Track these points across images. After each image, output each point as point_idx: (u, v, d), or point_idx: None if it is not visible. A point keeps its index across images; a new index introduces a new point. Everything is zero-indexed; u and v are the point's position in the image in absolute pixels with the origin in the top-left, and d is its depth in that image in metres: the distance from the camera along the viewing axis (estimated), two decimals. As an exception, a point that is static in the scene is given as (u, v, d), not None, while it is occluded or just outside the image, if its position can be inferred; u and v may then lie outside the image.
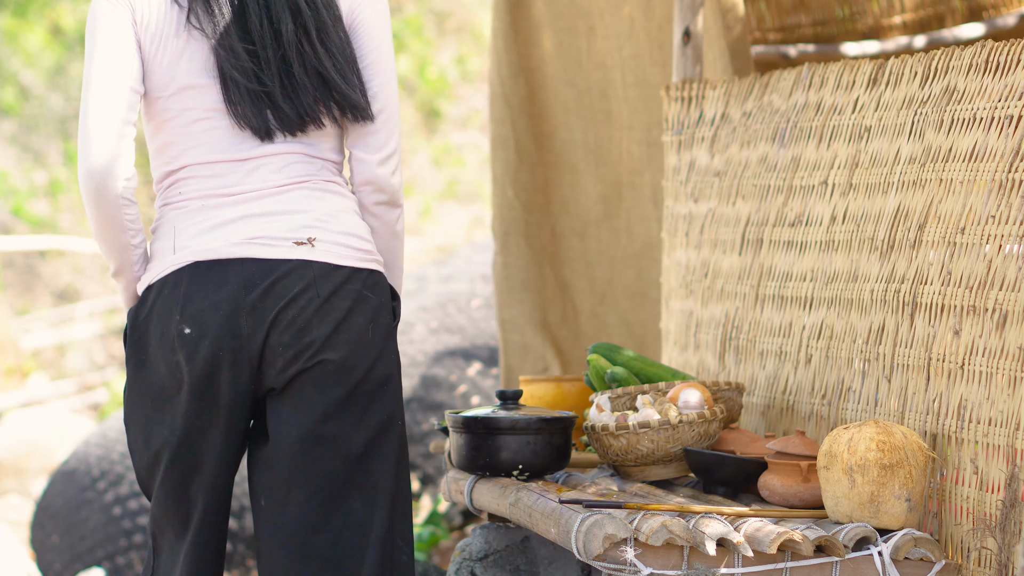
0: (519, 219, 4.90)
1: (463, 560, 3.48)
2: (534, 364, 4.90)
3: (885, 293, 3.30)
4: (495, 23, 4.86)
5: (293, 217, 3.02)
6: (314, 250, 3.01)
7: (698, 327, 3.96)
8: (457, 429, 3.36)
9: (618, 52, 4.61)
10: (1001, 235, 3.02)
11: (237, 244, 3.00)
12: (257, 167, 3.05)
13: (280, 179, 3.05)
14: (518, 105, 4.86)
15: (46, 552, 5.86)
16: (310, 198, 3.05)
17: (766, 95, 3.82)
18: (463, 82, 12.84)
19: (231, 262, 2.99)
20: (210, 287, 2.98)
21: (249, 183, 3.04)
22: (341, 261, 3.01)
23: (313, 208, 3.04)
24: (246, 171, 3.05)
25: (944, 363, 3.13)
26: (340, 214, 3.06)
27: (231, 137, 3.05)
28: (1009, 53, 3.10)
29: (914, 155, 3.30)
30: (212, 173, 3.05)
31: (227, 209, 3.03)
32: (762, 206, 3.75)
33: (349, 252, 3.03)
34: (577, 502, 3.03)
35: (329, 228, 3.03)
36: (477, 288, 6.36)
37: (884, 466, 2.98)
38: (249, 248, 3.00)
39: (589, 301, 4.88)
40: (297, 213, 3.03)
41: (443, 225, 11.97)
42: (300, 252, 3.00)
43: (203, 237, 3.02)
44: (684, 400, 3.38)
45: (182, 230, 3.04)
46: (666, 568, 2.89)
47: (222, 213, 3.03)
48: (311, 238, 3.01)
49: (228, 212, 3.03)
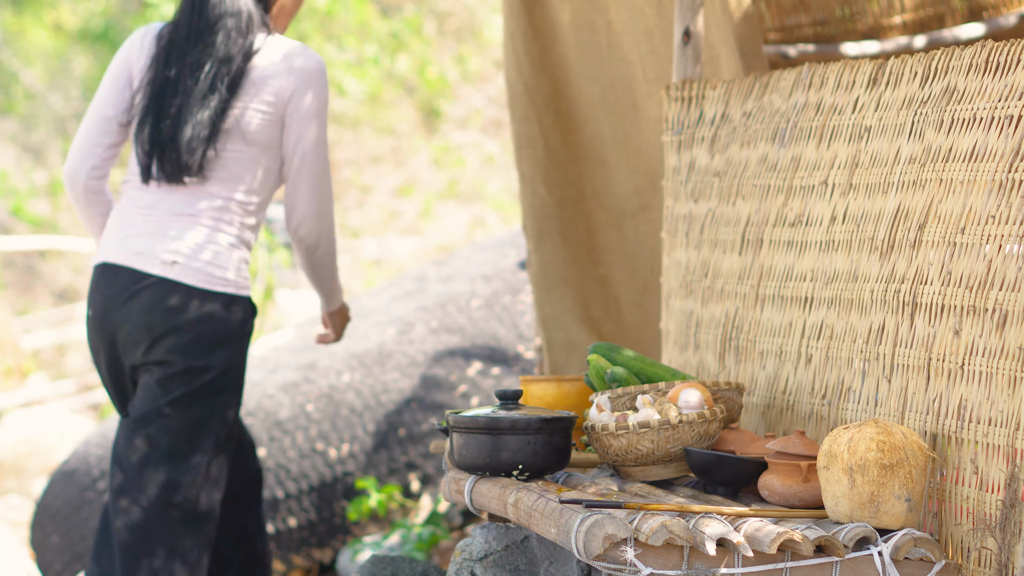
0: (553, 216, 4.90)
1: (463, 560, 3.48)
2: (581, 359, 4.90)
3: (885, 293, 3.31)
4: (510, 23, 4.86)
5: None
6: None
7: (698, 327, 3.96)
8: (457, 429, 3.36)
9: (637, 47, 4.61)
10: (1001, 235, 3.02)
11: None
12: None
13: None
14: (543, 103, 4.86)
15: (46, 552, 5.86)
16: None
17: (766, 95, 3.82)
18: (463, 82, 12.84)
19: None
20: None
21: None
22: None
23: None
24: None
25: (944, 363, 3.13)
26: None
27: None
28: (1009, 53, 3.10)
29: (914, 155, 3.30)
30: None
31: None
32: (762, 206, 3.75)
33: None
34: (577, 502, 3.03)
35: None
36: (477, 288, 6.36)
37: (884, 466, 2.98)
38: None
39: (631, 293, 4.88)
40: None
41: (443, 225, 11.97)
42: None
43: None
44: (684, 400, 3.38)
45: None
46: (666, 568, 2.89)
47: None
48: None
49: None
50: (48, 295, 14.32)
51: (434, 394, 5.83)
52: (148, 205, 3.97)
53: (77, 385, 10.65)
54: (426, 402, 5.81)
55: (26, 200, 14.05)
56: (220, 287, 3.94)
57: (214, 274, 3.93)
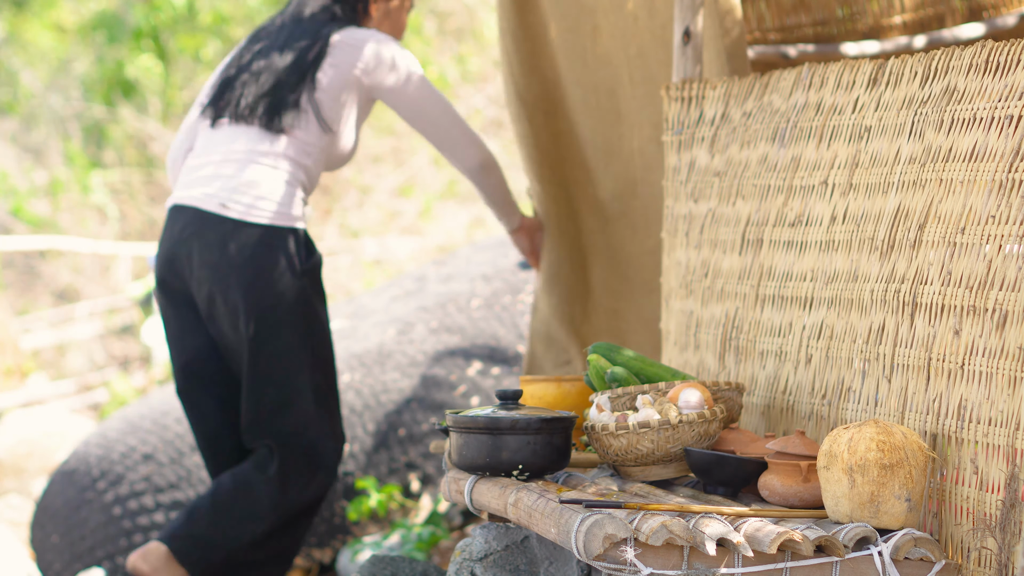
0: (551, 213, 4.91)
1: (463, 560, 3.47)
2: (557, 356, 4.93)
3: (885, 293, 3.30)
4: (502, 23, 4.86)
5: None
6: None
7: (698, 327, 3.96)
8: (457, 429, 3.36)
9: (624, 51, 4.61)
10: (1001, 235, 3.02)
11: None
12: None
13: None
14: (532, 103, 4.86)
15: (46, 552, 5.86)
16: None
17: (766, 95, 3.82)
18: (463, 82, 12.83)
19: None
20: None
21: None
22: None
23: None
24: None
25: (944, 363, 3.13)
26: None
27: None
28: (1009, 53, 3.10)
29: (914, 155, 3.30)
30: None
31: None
32: (762, 206, 3.75)
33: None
34: (577, 502, 3.03)
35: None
36: (477, 288, 6.36)
37: (884, 466, 2.98)
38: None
39: (609, 298, 4.89)
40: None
41: (443, 225, 11.96)
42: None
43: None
44: (684, 400, 3.38)
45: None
46: (666, 568, 2.89)
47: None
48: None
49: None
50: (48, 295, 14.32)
51: (434, 394, 5.83)
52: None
53: (77, 385, 10.65)
54: (426, 402, 5.80)
55: (26, 200, 14.05)
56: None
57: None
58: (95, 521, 5.74)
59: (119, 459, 5.88)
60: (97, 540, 5.74)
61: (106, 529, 5.73)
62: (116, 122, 14.83)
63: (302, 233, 4.39)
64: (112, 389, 10.05)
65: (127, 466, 5.83)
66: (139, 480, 5.78)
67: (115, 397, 9.83)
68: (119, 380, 10.18)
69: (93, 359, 12.47)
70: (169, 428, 5.94)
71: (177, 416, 5.96)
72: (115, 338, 12.59)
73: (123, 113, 14.57)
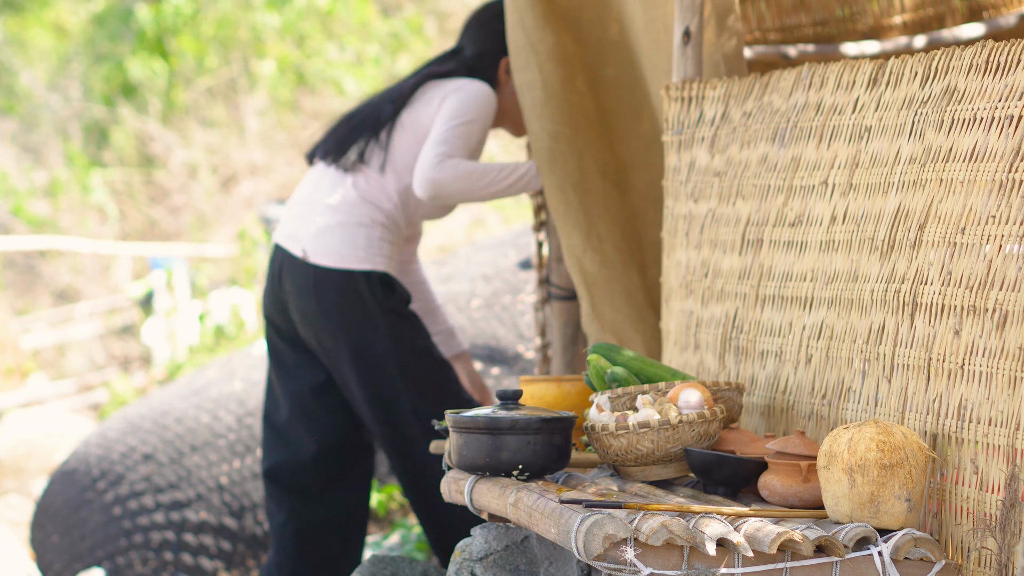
0: (545, 148, 4.78)
1: (463, 560, 3.47)
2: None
3: (885, 293, 3.31)
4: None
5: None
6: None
7: (698, 327, 3.96)
8: (457, 429, 3.36)
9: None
10: (1001, 235, 3.02)
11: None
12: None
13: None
14: (545, 52, 4.79)
15: (46, 552, 5.86)
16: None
17: (766, 95, 3.82)
18: (463, 82, 12.83)
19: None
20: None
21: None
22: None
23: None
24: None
25: (944, 363, 3.13)
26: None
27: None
28: (1009, 53, 3.10)
29: (914, 155, 3.30)
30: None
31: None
32: (762, 206, 3.75)
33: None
34: (577, 502, 3.03)
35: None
36: (477, 288, 6.36)
37: (884, 466, 2.98)
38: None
39: (614, 233, 4.80)
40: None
41: (443, 225, 11.96)
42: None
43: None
44: (684, 400, 3.38)
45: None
46: (666, 568, 2.89)
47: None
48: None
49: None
50: (48, 295, 14.33)
51: (434, 394, 5.82)
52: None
53: (77, 385, 10.66)
54: (426, 402, 5.79)
55: (26, 200, 14.05)
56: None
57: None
58: (95, 521, 5.74)
59: (119, 459, 5.88)
60: (97, 540, 5.75)
61: (106, 529, 5.73)
62: (116, 122, 14.83)
63: (379, 274, 4.49)
64: (112, 389, 10.06)
65: (127, 466, 5.84)
66: (139, 480, 5.78)
67: (115, 397, 9.83)
68: (119, 380, 10.18)
69: (93, 359, 12.47)
70: (169, 428, 5.94)
71: (177, 416, 5.97)
72: (115, 338, 12.60)
73: (123, 113, 14.56)
